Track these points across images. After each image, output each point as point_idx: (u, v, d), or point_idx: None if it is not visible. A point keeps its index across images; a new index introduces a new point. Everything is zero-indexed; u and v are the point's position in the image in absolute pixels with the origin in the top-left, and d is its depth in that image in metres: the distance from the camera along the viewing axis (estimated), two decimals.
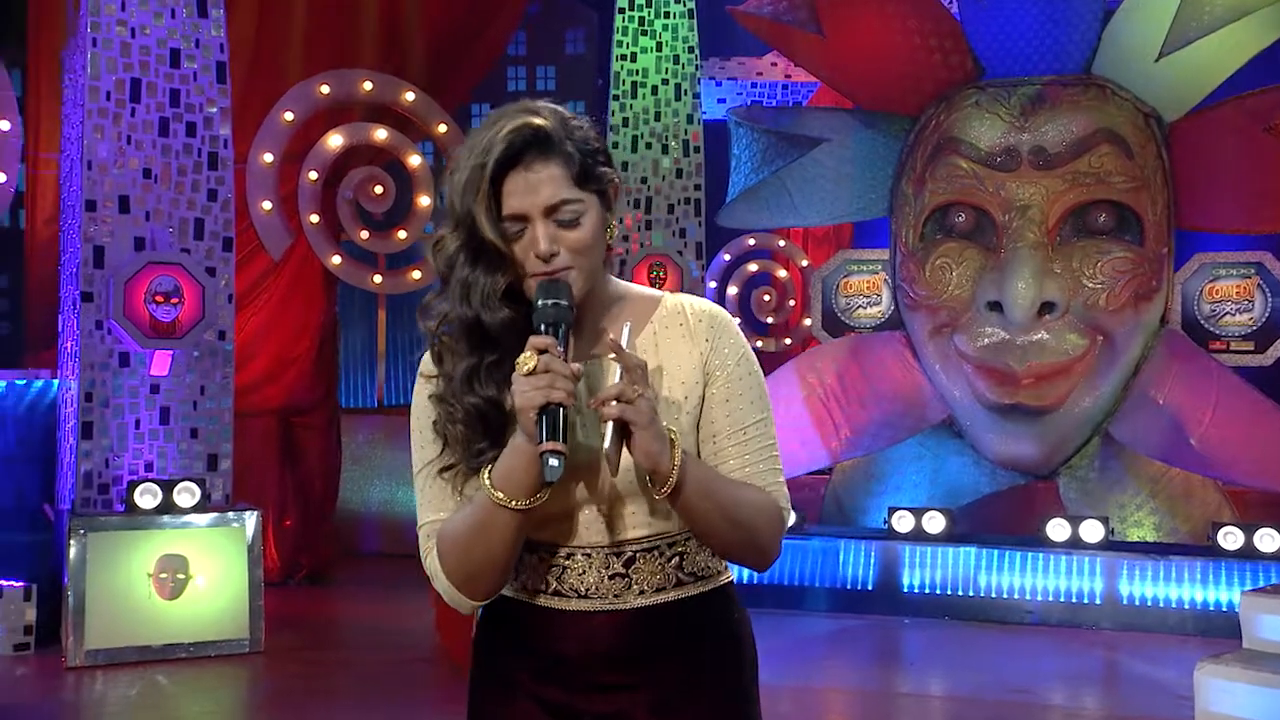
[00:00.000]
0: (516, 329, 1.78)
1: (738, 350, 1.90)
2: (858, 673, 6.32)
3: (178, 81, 6.35)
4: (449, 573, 1.82)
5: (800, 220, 8.47)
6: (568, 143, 1.79)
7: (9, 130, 6.16)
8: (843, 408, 7.65)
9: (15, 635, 6.08)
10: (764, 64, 9.85)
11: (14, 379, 6.64)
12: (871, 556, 7.30)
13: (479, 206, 1.76)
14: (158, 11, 6.33)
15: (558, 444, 1.66)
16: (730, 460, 1.87)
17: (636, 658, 1.85)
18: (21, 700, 5.60)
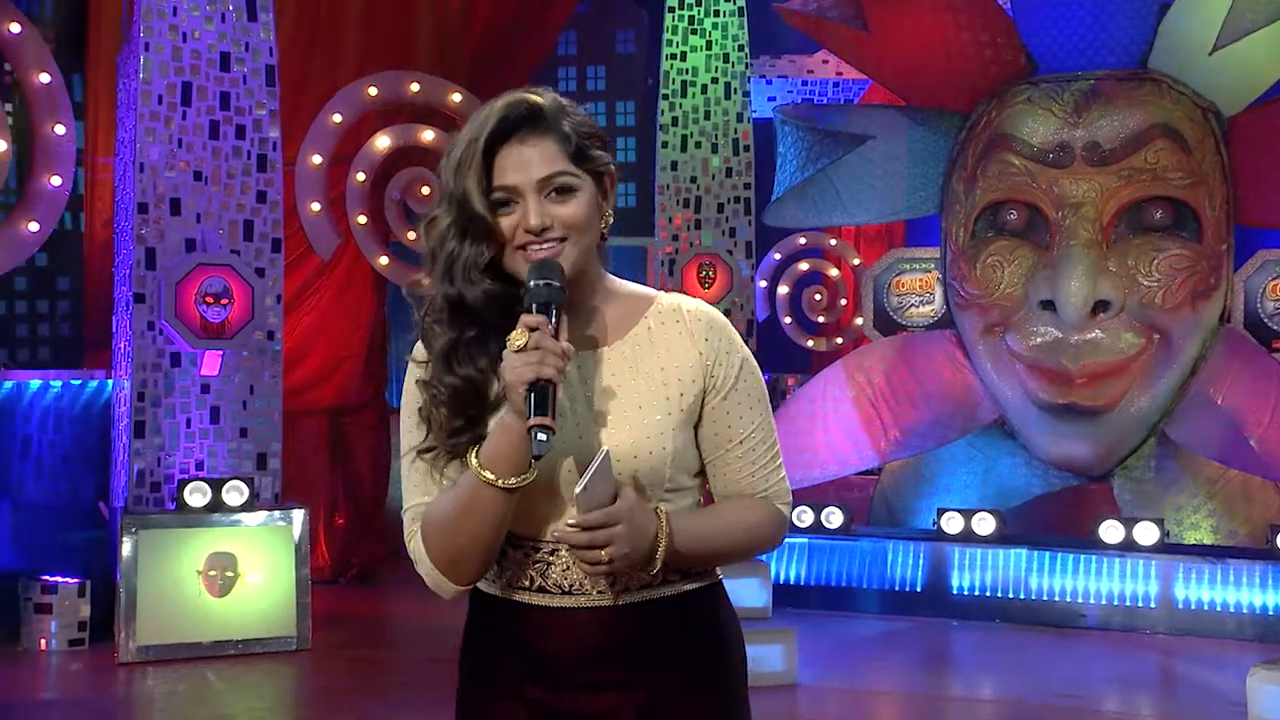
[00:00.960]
0: (497, 305, 1.78)
1: (739, 357, 1.90)
2: (906, 675, 6.25)
3: (227, 85, 6.43)
4: (433, 556, 1.81)
5: (848, 218, 8.40)
6: (564, 122, 1.80)
7: (64, 134, 6.26)
8: (891, 408, 7.58)
9: (70, 631, 6.18)
10: (814, 61, 9.79)
11: (69, 379, 6.75)
12: (920, 558, 7.23)
13: (470, 178, 1.76)
14: (208, 16, 6.41)
15: (546, 419, 1.66)
16: (733, 466, 1.90)
17: (622, 656, 1.84)
18: (74, 695, 5.70)
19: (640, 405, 1.83)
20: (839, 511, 7.36)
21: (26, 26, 6.20)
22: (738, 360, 1.89)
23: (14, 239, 6.20)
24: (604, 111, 9.93)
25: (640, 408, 1.83)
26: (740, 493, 1.92)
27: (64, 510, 6.64)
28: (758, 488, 1.91)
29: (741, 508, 1.91)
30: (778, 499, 1.94)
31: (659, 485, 1.83)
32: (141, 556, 5.94)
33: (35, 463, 6.55)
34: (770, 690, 5.50)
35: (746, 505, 1.91)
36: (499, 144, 1.77)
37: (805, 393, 7.93)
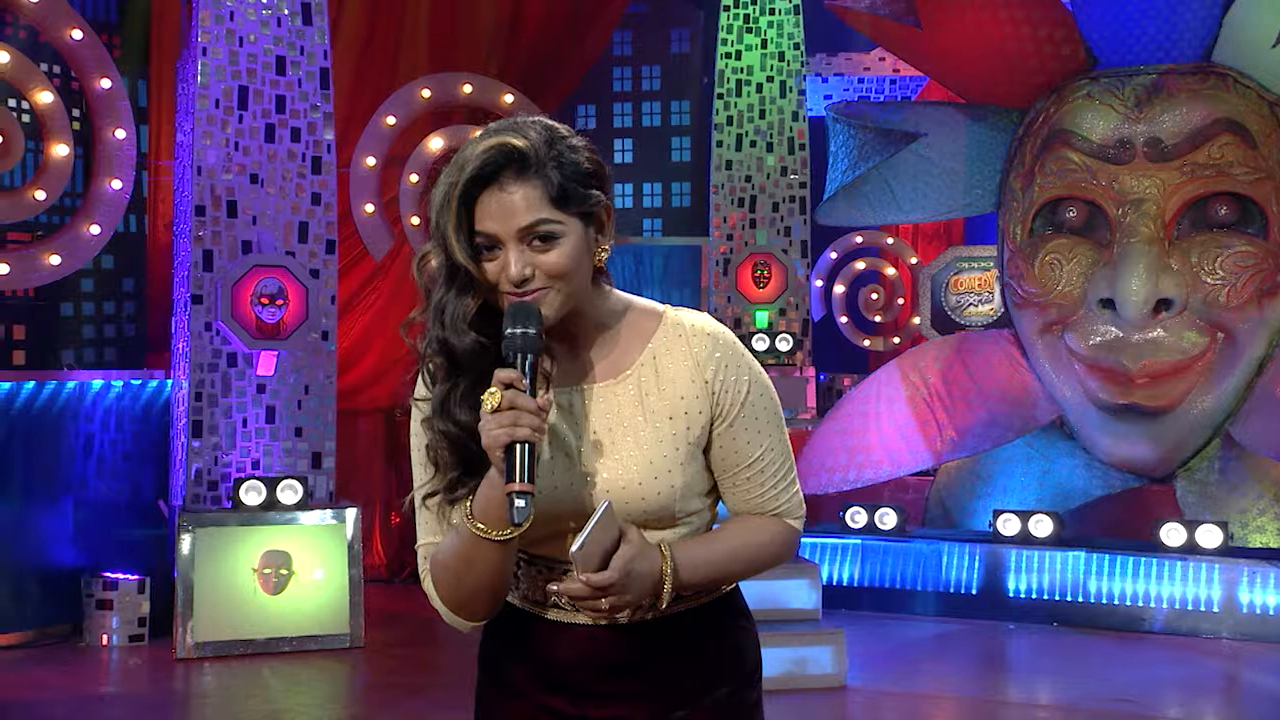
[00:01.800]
0: (488, 355, 1.73)
1: (746, 379, 1.86)
2: (960, 679, 6.18)
3: (283, 88, 6.51)
4: (444, 599, 1.82)
5: (902, 216, 8.32)
6: (549, 164, 1.71)
7: (124, 139, 6.37)
8: (947, 408, 7.49)
9: (130, 626, 6.30)
10: (871, 59, 9.70)
11: (130, 379, 6.87)
12: (976, 560, 7.14)
13: (449, 227, 1.71)
14: (264, 21, 6.49)
15: (524, 484, 1.63)
16: (744, 487, 1.89)
17: (637, 668, 1.84)
18: (132, 690, 5.80)
19: (645, 443, 1.80)
20: (893, 512, 7.29)
21: (88, 33, 6.31)
22: (745, 383, 1.85)
23: (76, 242, 6.32)
24: (659, 111, 9.91)
25: (645, 445, 1.80)
26: (752, 511, 1.90)
27: (125, 508, 6.76)
28: (768, 506, 1.90)
29: (750, 528, 1.89)
30: (789, 515, 1.93)
31: (669, 517, 1.82)
32: (198, 554, 6.03)
33: (97, 461, 6.67)
34: (819, 693, 5.47)
35: (755, 525, 1.90)
36: (480, 189, 1.71)
37: (859, 393, 7.87)
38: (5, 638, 6.25)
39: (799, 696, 5.42)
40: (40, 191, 6.16)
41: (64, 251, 6.28)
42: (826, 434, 7.61)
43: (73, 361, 7.55)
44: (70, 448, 6.56)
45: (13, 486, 6.33)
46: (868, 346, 10.04)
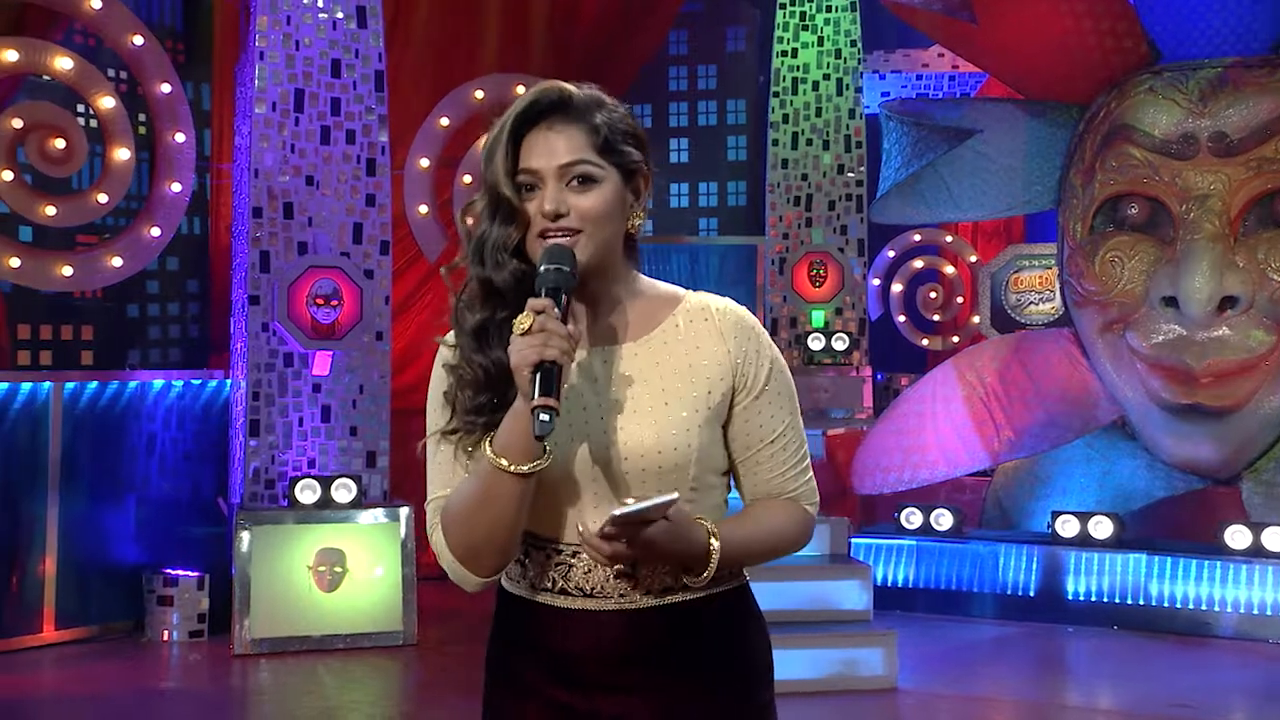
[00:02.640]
0: (525, 287, 1.76)
1: (768, 357, 1.89)
2: (1016, 681, 6.11)
3: (338, 91, 6.58)
4: (452, 546, 1.80)
5: (959, 214, 8.23)
6: (596, 114, 1.80)
7: (184, 142, 6.48)
8: (1004, 408, 7.40)
9: (190, 623, 6.41)
10: (930, 55, 9.61)
11: (190, 379, 6.98)
12: (1034, 562, 7.05)
13: (496, 160, 1.78)
14: (320, 25, 6.57)
15: (549, 399, 1.65)
16: (763, 467, 1.90)
17: (643, 659, 1.82)
18: (191, 686, 5.90)
19: (666, 401, 1.82)
20: (948, 513, 7.21)
21: (149, 39, 6.42)
22: (767, 360, 1.88)
23: (137, 244, 6.44)
24: (715, 110, 9.90)
25: (666, 404, 1.82)
26: (769, 494, 1.91)
27: (185, 505, 6.87)
28: (786, 489, 1.91)
29: (772, 509, 1.91)
30: (806, 500, 1.93)
31: (684, 482, 1.81)
32: (255, 552, 6.12)
33: (159, 460, 6.79)
34: (869, 694, 5.43)
35: (776, 506, 1.91)
36: (528, 128, 1.79)
37: (914, 393, 7.80)
38: (70, 633, 6.38)
39: (849, 698, 5.39)
40: (102, 195, 6.28)
41: (126, 253, 6.40)
42: (882, 434, 7.55)
43: (137, 361, 7.69)
44: (133, 447, 6.68)
45: (79, 485, 6.46)
46: (926, 346, 9.95)
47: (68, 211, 6.26)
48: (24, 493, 6.26)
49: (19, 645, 6.20)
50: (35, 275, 6.19)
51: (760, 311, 9.26)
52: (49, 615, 6.33)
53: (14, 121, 6.06)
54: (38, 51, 6.12)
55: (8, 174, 6.05)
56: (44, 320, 7.20)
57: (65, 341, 7.32)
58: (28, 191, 6.22)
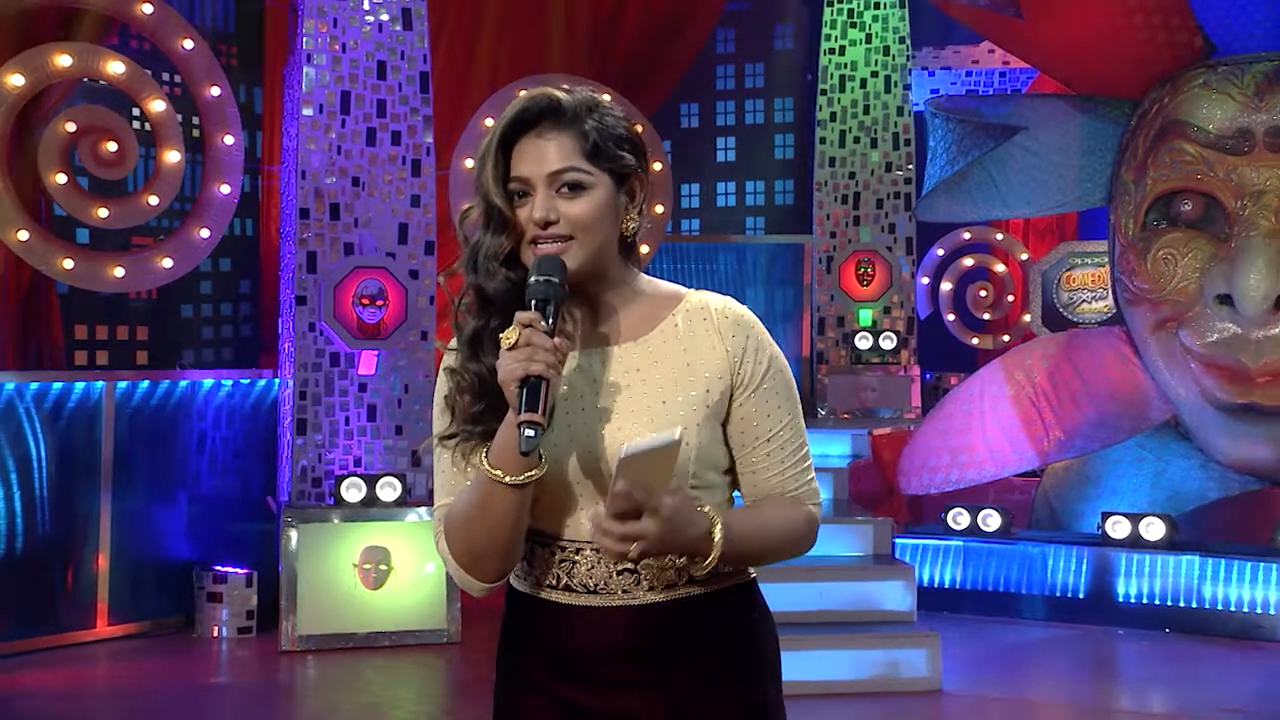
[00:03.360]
0: (516, 295, 1.79)
1: (766, 356, 1.89)
2: (1064, 684, 6.04)
3: (384, 92, 6.63)
4: (455, 553, 1.83)
5: (1008, 212, 8.13)
6: (587, 120, 1.80)
7: (232, 144, 6.56)
8: (1053, 407, 7.31)
9: (239, 619, 6.49)
10: (980, 51, 9.52)
11: (239, 378, 7.07)
12: (1083, 563, 6.95)
13: (488, 169, 1.79)
14: (366, 27, 6.63)
15: (534, 415, 1.66)
16: (763, 465, 1.89)
17: (648, 655, 1.83)
18: (239, 681, 5.97)
19: (664, 400, 1.83)
20: (996, 514, 7.14)
21: (199, 43, 6.51)
22: (766, 358, 1.88)
23: (187, 245, 6.53)
24: (762, 109, 9.86)
25: (664, 402, 1.82)
26: (769, 494, 1.90)
27: (235, 503, 6.96)
28: (788, 487, 1.90)
29: (778, 506, 1.89)
30: (809, 500, 1.92)
31: (684, 481, 1.81)
32: (302, 549, 6.18)
33: (210, 457, 6.88)
34: (912, 696, 5.39)
35: (782, 504, 1.90)
36: (519, 136, 1.80)
37: (961, 392, 7.72)
38: (122, 628, 6.49)
39: (892, 700, 5.35)
40: (153, 197, 6.37)
41: (176, 254, 6.49)
42: (928, 433, 7.49)
43: (190, 361, 7.79)
44: (184, 445, 6.78)
45: (133, 482, 6.56)
46: (976, 345, 9.85)
47: (120, 214, 6.35)
48: (78, 490, 6.38)
49: (74, 640, 6.32)
50: (88, 276, 6.29)
51: (807, 310, 9.22)
52: (102, 611, 6.44)
53: (67, 125, 6.16)
54: (90, 56, 6.22)
55: (61, 177, 6.15)
56: (100, 321, 7.32)
57: (121, 341, 7.43)
58: (81, 194, 6.33)
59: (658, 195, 8.09)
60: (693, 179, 9.91)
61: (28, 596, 6.23)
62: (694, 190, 9.92)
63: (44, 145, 6.14)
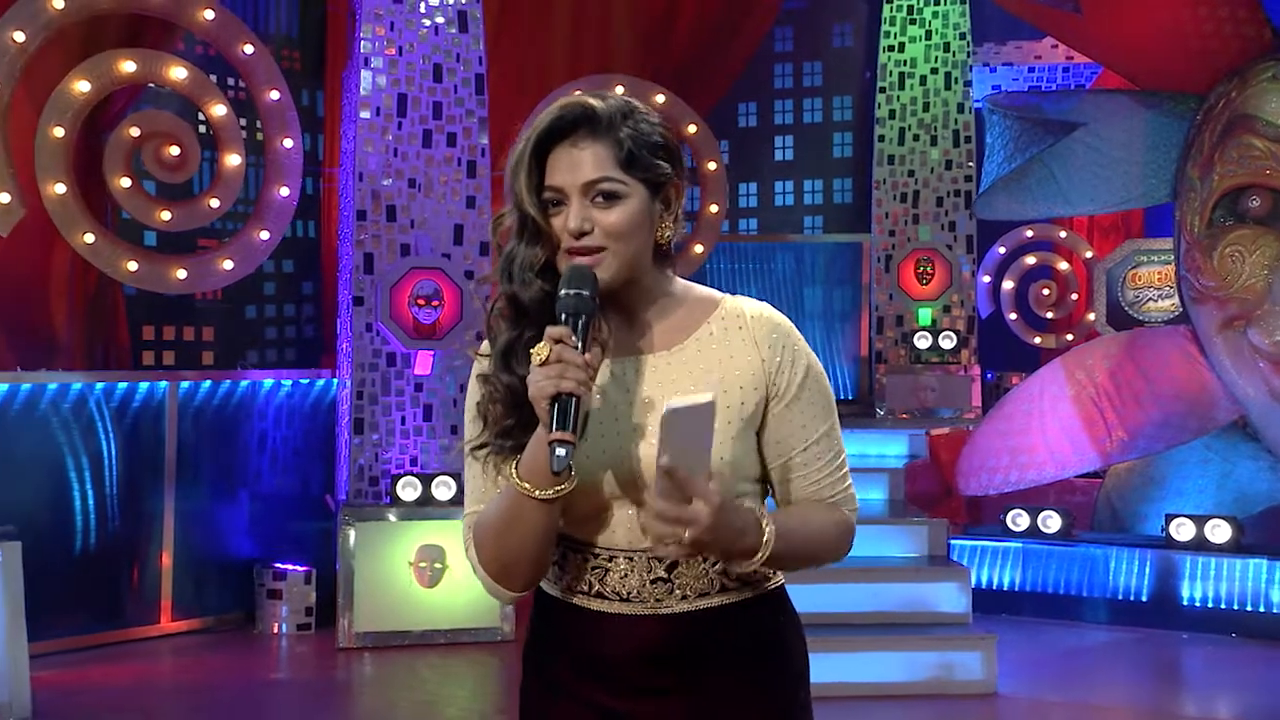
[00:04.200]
0: (552, 306, 1.76)
1: (803, 364, 1.86)
2: (1124, 688, 5.94)
3: (440, 95, 6.69)
4: (484, 563, 1.82)
5: (1070, 209, 8.01)
6: (622, 128, 1.78)
7: (292, 147, 6.64)
8: (1116, 407, 7.19)
9: (298, 616, 6.58)
10: (1042, 47, 9.38)
11: (299, 378, 7.17)
12: (1146, 566, 6.83)
13: (521, 178, 1.78)
14: (423, 30, 6.69)
15: (565, 434, 1.65)
16: (798, 474, 1.87)
17: (678, 663, 1.82)
18: (297, 677, 6.06)
19: None
20: (1057, 515, 7.04)
21: (259, 47, 6.60)
22: (802, 366, 1.86)
23: (247, 247, 6.63)
24: (820, 107, 9.80)
25: None
26: (805, 500, 1.88)
27: (295, 501, 7.06)
28: (823, 495, 1.88)
29: (816, 509, 1.88)
30: (845, 506, 1.90)
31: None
32: (359, 548, 6.25)
33: (270, 456, 6.98)
34: (967, 699, 5.33)
35: (820, 507, 1.88)
36: (552, 145, 1.78)
37: (1021, 392, 7.62)
38: (185, 624, 6.60)
39: (946, 702, 5.29)
40: (214, 199, 6.47)
41: (236, 256, 6.58)
42: (987, 434, 7.40)
43: (254, 361, 7.91)
44: (245, 444, 6.89)
45: (196, 481, 6.68)
46: (1039, 344, 9.71)
47: (182, 216, 6.46)
48: (144, 489, 6.50)
49: (139, 635, 6.44)
50: (152, 278, 6.41)
51: (865, 310, 9.15)
52: (166, 607, 6.56)
53: (132, 130, 6.28)
54: (154, 62, 6.33)
55: (125, 181, 6.27)
56: (167, 321, 7.45)
57: (187, 342, 7.56)
58: (145, 198, 6.45)
59: (712, 195, 8.08)
60: (750, 178, 9.87)
61: (96, 592, 6.35)
62: (751, 189, 9.88)
63: (109, 150, 6.26)
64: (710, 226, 8.14)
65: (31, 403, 6.14)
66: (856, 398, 9.12)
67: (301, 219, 7.97)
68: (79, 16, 6.19)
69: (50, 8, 6.01)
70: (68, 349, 6.75)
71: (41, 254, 6.62)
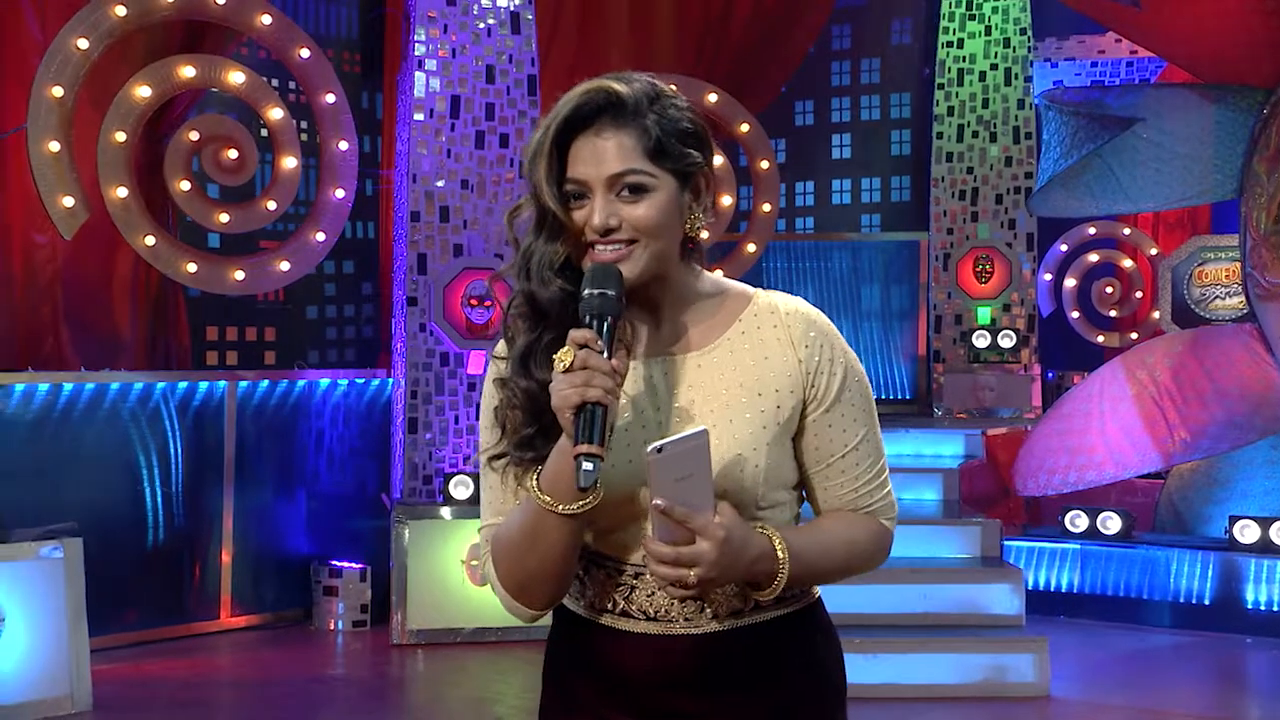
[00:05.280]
0: (573, 306, 1.63)
1: (842, 366, 1.75)
2: (1184, 693, 5.82)
3: (492, 96, 6.73)
4: (503, 580, 1.71)
5: (1131, 205, 7.87)
6: (649, 115, 1.64)
7: (347, 150, 6.72)
8: (1178, 407, 7.05)
9: (354, 613, 6.65)
10: (1106, 41, 9.23)
11: (354, 377, 7.25)
12: (1209, 569, 6.69)
13: (540, 169, 1.64)
14: (475, 33, 6.73)
15: (592, 446, 1.53)
16: (835, 481, 1.77)
17: (709, 685, 1.71)
18: (352, 673, 6.13)
19: (731, 418, 1.68)
20: (1116, 516, 6.92)
21: (314, 51, 6.69)
22: (841, 368, 1.74)
23: (303, 248, 6.71)
24: (878, 105, 9.72)
25: (731, 420, 1.68)
26: (842, 509, 1.78)
27: (352, 500, 7.13)
28: (861, 504, 1.77)
29: (847, 521, 1.77)
30: (883, 515, 1.80)
31: (751, 503, 1.69)
32: (411, 545, 6.31)
33: (328, 455, 7.07)
34: (1019, 702, 5.26)
35: (851, 519, 1.77)
36: (574, 133, 1.64)
37: (1079, 391, 7.50)
38: (244, 619, 6.70)
39: (998, 705, 5.23)
40: (271, 202, 6.57)
41: (293, 258, 6.68)
42: (1045, 434, 7.29)
43: (315, 361, 8.01)
44: (303, 443, 6.98)
45: (257, 479, 6.78)
46: (1102, 343, 9.56)
47: (240, 218, 6.57)
48: (204, 487, 6.61)
49: (200, 630, 6.55)
50: (210, 280, 6.52)
51: (923, 308, 9.07)
52: (226, 603, 6.67)
53: (191, 134, 6.39)
54: (213, 67, 6.44)
55: (185, 184, 6.38)
56: (230, 323, 7.57)
57: (249, 342, 7.68)
58: (204, 200, 6.56)
59: (765, 194, 8.05)
60: (807, 176, 9.82)
61: (158, 588, 6.47)
62: (808, 188, 9.83)
63: (170, 154, 6.38)
64: (763, 225, 8.11)
65: (95, 402, 6.27)
66: (914, 397, 9.04)
67: (362, 220, 8.06)
68: (140, 23, 6.31)
69: (113, 15, 6.14)
70: (130, 349, 6.88)
71: (105, 256, 6.76)
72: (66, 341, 6.62)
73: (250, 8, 6.46)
